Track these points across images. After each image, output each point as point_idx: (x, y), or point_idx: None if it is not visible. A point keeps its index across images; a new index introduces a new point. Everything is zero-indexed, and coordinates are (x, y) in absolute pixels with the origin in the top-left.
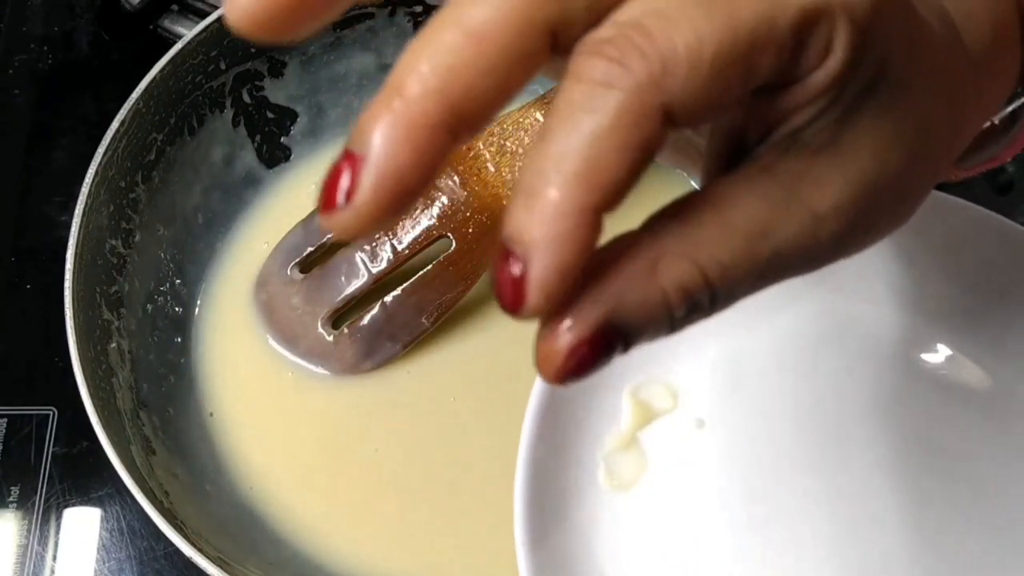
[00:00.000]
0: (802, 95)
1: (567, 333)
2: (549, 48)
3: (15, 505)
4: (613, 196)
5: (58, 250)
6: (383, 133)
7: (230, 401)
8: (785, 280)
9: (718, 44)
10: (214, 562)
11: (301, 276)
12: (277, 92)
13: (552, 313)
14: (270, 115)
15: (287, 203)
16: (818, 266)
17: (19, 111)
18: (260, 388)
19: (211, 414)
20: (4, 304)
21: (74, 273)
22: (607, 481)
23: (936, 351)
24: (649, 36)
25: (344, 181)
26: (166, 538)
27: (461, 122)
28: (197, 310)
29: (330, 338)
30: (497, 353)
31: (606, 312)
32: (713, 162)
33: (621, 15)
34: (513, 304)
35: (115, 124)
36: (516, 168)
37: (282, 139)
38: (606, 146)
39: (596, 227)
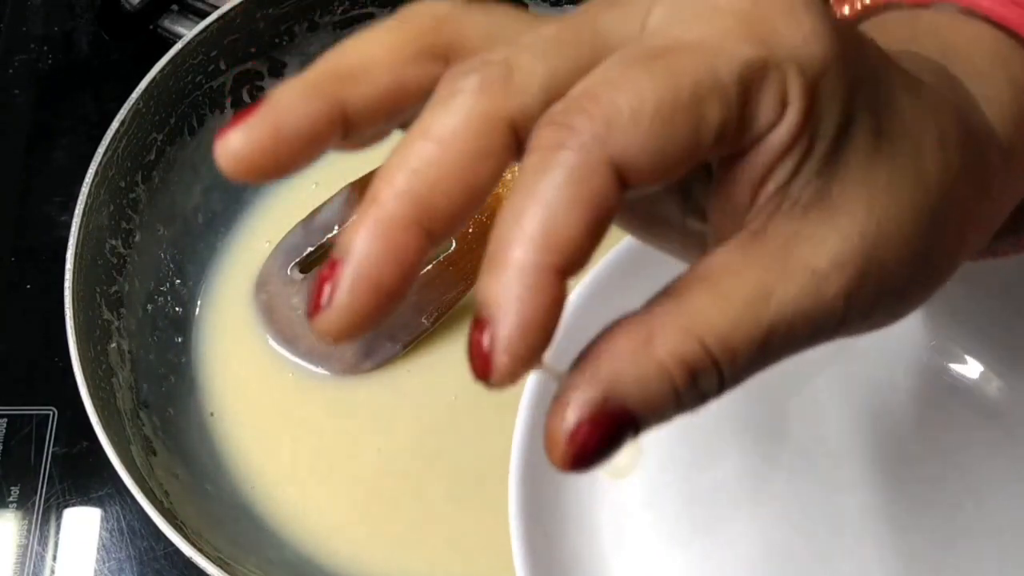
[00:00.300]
0: (772, 151)
1: (567, 416)
2: (513, 142)
3: (15, 505)
4: (572, 254)
5: (58, 250)
6: (358, 237)
7: (231, 401)
8: (797, 353)
9: (659, 98)
10: (214, 562)
11: (301, 276)
12: None
13: (517, 377)
14: None
15: (287, 203)
16: (833, 334)
17: (19, 111)
18: (260, 388)
19: (212, 414)
20: (4, 304)
21: (74, 273)
22: (603, 470)
23: (964, 362)
24: (594, 99)
25: (327, 286)
26: (166, 538)
27: (433, 221)
28: (197, 310)
29: None
30: None
31: (603, 391)
32: (716, 240)
33: (572, 90)
34: (483, 369)
35: (115, 124)
36: (515, 168)
37: None
38: (558, 205)
39: (557, 286)
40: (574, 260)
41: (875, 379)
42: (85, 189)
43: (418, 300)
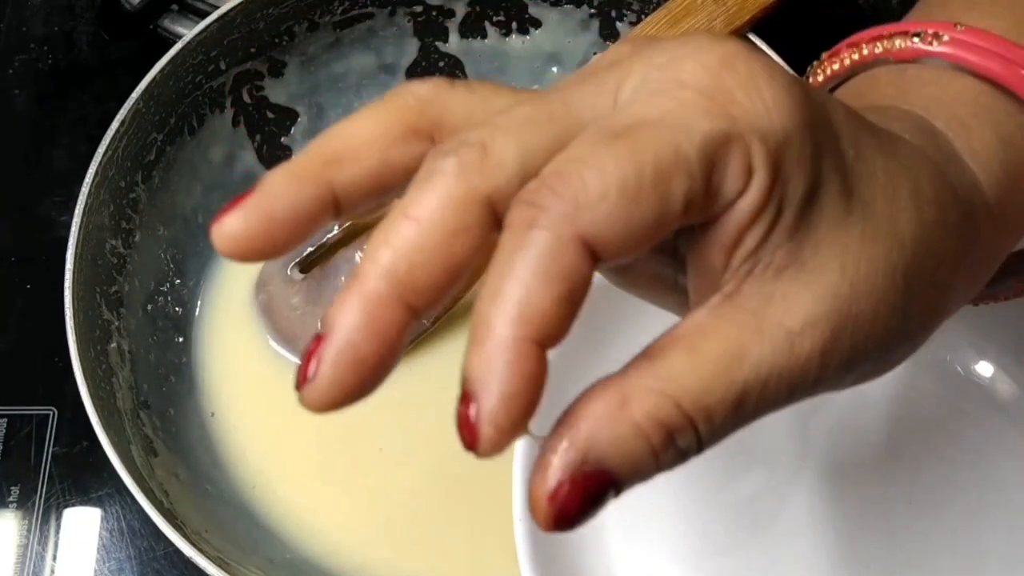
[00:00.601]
0: (741, 218)
1: (548, 478)
2: (490, 219)
3: (15, 505)
4: (548, 327)
5: (58, 250)
6: (341, 313)
7: (231, 401)
8: (777, 410)
9: (623, 175)
10: (214, 562)
11: (301, 276)
12: (277, 92)
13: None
14: (270, 115)
15: None
16: (812, 390)
17: (19, 111)
18: (261, 388)
19: (212, 414)
20: (4, 304)
21: (74, 273)
22: None
23: (977, 364)
24: (562, 178)
25: (313, 360)
26: (166, 538)
27: (414, 296)
28: (197, 310)
29: None
30: None
31: (582, 453)
32: (695, 302)
33: (544, 169)
34: (470, 441)
35: (115, 124)
36: None
37: (282, 139)
38: (532, 281)
39: (537, 358)
40: (551, 332)
41: (893, 384)
42: (85, 189)
43: None
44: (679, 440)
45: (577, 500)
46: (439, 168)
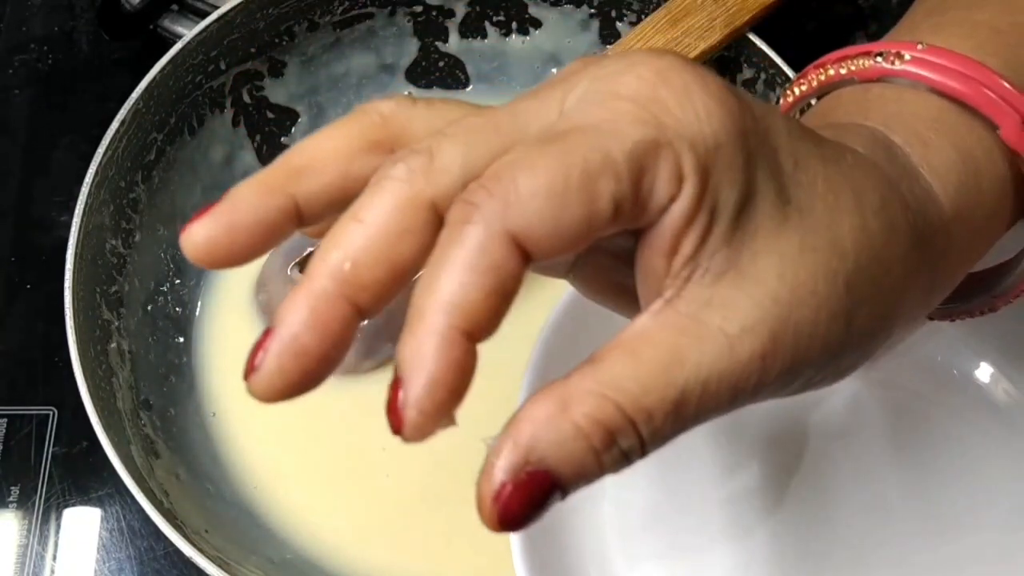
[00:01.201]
0: (675, 223)
1: (493, 478)
2: (435, 221)
3: (15, 505)
4: (477, 319)
5: (58, 250)
6: (288, 308)
7: (233, 402)
8: (723, 414)
9: (552, 175)
10: (214, 562)
11: (301, 276)
12: (277, 92)
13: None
14: (270, 115)
15: None
16: (756, 394)
17: (19, 111)
18: None
19: (214, 414)
20: (4, 304)
21: (74, 273)
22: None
23: (977, 367)
24: (496, 178)
25: (260, 352)
26: (166, 538)
27: (359, 293)
28: (198, 310)
29: None
30: (497, 352)
31: (524, 454)
32: (642, 309)
33: (484, 173)
34: (396, 424)
35: (115, 124)
36: None
37: (282, 139)
38: (462, 274)
39: (462, 346)
40: (480, 323)
41: (891, 385)
42: (85, 189)
43: None
44: (621, 441)
45: (520, 500)
46: (388, 174)
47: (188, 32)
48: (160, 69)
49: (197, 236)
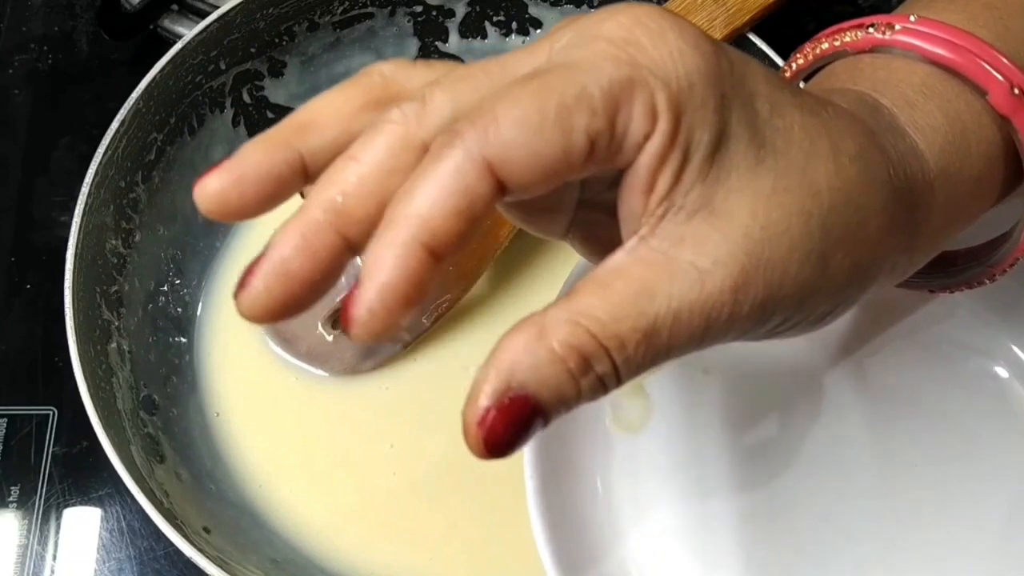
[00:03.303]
0: (650, 160)
1: (477, 404)
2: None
3: (15, 505)
4: (441, 236)
5: (58, 250)
6: (280, 236)
7: (235, 402)
8: (697, 349)
9: (529, 108)
10: (214, 562)
11: None
12: (277, 92)
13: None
14: (270, 115)
15: (287, 203)
16: (725, 331)
17: (19, 111)
18: (265, 388)
19: (217, 414)
20: (4, 304)
21: (74, 273)
22: (614, 424)
23: (993, 360)
24: (478, 111)
25: (250, 274)
26: (166, 538)
27: (348, 225)
28: (199, 311)
29: (330, 338)
30: None
31: (504, 380)
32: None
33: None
34: (344, 321)
35: (115, 124)
36: None
37: None
38: (435, 193)
39: (420, 259)
40: (443, 242)
41: (898, 377)
42: (85, 189)
43: None
44: (596, 366)
45: (504, 424)
46: (384, 118)
47: (188, 32)
48: (160, 69)
49: (208, 188)
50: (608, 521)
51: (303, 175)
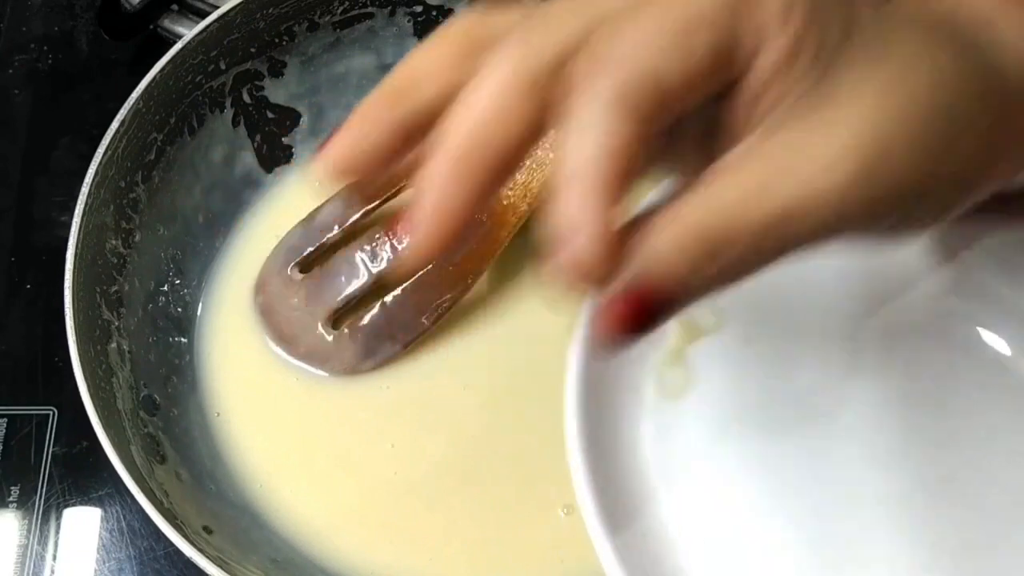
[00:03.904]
0: (771, 64)
1: (608, 297)
2: (537, 98)
3: (15, 505)
4: (607, 185)
5: (58, 250)
6: (434, 170)
7: (236, 402)
8: (820, 243)
9: (653, 31)
10: (214, 562)
11: (301, 276)
12: (277, 92)
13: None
14: (270, 115)
15: (287, 203)
16: (854, 224)
17: (19, 111)
18: (266, 388)
19: (218, 414)
20: (4, 304)
21: (74, 273)
22: (656, 391)
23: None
24: (605, 38)
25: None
26: (166, 538)
27: (486, 162)
28: (199, 311)
29: (330, 338)
30: (498, 352)
31: (633, 272)
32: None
33: (590, 39)
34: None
35: (115, 124)
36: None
37: (282, 139)
38: (587, 147)
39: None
40: (614, 190)
41: (916, 353)
42: (85, 189)
43: (418, 300)
44: (720, 257)
45: (632, 312)
46: (488, 63)
47: (188, 32)
48: (160, 69)
49: (331, 157)
50: (648, 479)
51: (420, 131)
